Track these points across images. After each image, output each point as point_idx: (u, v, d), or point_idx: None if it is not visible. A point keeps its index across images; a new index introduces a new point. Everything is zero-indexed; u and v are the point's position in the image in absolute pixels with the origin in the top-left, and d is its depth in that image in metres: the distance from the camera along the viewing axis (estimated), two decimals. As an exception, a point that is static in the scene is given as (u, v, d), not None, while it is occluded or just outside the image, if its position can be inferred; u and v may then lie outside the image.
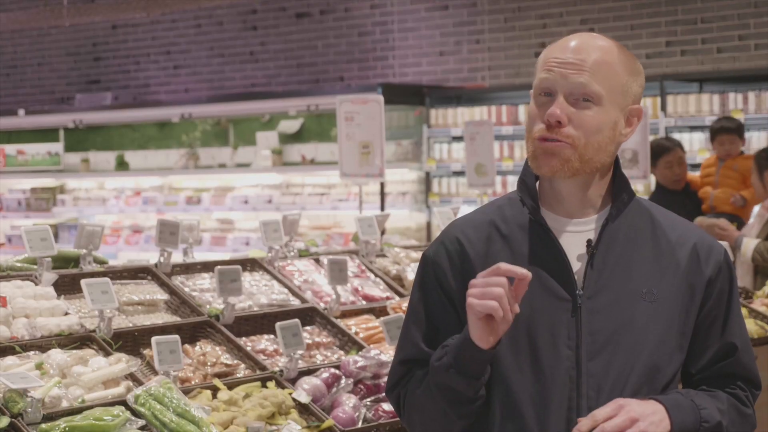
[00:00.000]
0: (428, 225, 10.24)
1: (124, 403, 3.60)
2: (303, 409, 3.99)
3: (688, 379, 2.50)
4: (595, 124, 2.36)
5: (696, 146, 9.01)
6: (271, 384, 4.08)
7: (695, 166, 9.09)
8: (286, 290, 4.85)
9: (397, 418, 3.97)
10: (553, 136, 2.36)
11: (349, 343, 4.57)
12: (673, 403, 2.35)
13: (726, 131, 7.98)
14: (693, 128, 9.09)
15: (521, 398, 2.37)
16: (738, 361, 2.47)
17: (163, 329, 4.23)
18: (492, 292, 2.22)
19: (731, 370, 2.47)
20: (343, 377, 4.17)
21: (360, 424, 3.99)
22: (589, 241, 2.39)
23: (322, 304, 4.80)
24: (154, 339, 3.89)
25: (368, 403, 4.13)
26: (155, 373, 3.93)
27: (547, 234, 2.41)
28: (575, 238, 2.41)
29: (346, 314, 4.82)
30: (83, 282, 4.07)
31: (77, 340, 4.02)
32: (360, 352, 4.37)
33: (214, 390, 3.94)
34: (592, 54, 2.38)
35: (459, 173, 10.13)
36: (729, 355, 2.46)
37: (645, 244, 2.43)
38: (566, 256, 2.39)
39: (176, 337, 3.94)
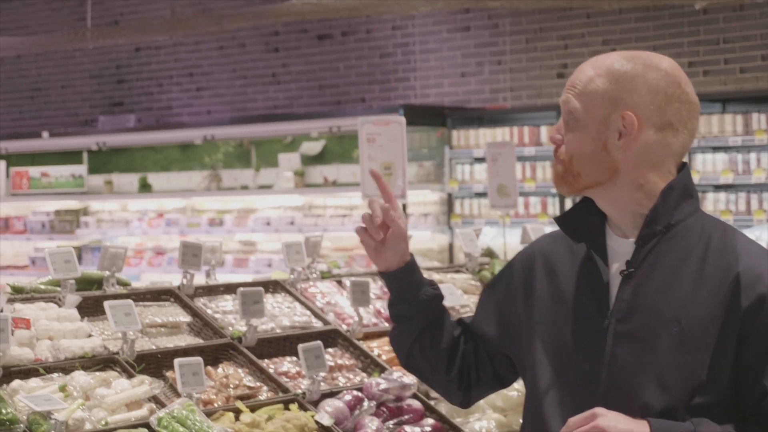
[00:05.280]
0: (450, 246, 10.23)
1: (147, 425, 3.60)
2: (325, 431, 3.98)
3: (736, 413, 2.36)
4: (575, 140, 2.41)
5: (719, 167, 8.98)
6: (293, 406, 4.07)
7: (718, 187, 9.06)
8: (308, 312, 4.84)
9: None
10: (556, 156, 2.46)
11: (372, 365, 4.56)
12: (664, 428, 2.27)
13: None
14: (716, 149, 9.06)
15: (549, 413, 2.43)
16: None
17: (186, 351, 4.23)
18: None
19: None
20: (366, 400, 4.16)
21: (383, 447, 3.98)
22: (628, 263, 2.40)
23: (344, 326, 4.80)
24: (176, 361, 3.89)
25: (391, 425, 4.12)
26: (178, 395, 3.93)
27: (589, 255, 2.46)
28: (621, 259, 2.43)
29: (368, 336, 4.81)
30: (106, 304, 4.08)
31: (100, 362, 4.03)
32: (382, 375, 4.36)
33: (237, 412, 3.93)
34: (588, 71, 2.42)
35: (481, 194, 10.12)
36: (763, 398, 2.31)
37: (689, 270, 2.36)
38: (603, 277, 2.41)
39: (199, 359, 3.94)
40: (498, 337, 2.63)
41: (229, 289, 4.82)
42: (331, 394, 4.19)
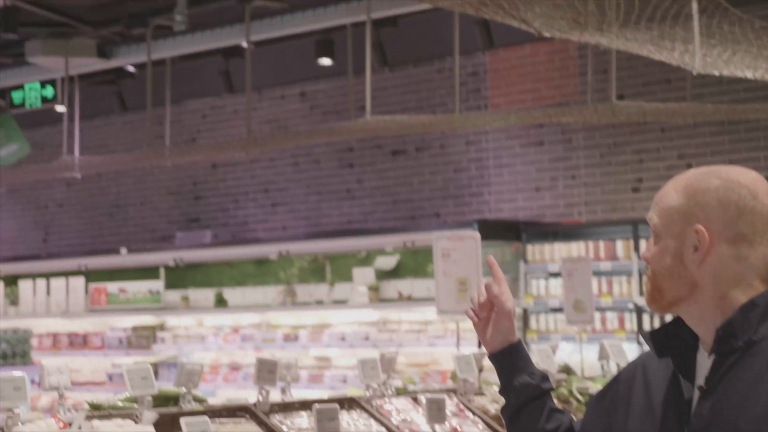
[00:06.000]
0: (526, 362, 10.11)
1: None
2: None
3: None
4: (656, 256, 2.43)
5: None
6: None
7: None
8: (384, 429, 4.80)
9: None
10: (647, 274, 2.48)
11: (448, 484, 4.49)
12: None
13: None
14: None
15: None
16: None
17: (261, 469, 4.21)
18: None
19: None
20: None
21: None
22: (706, 379, 2.36)
23: (420, 444, 4.75)
24: (252, 479, 3.87)
25: None
26: None
27: (675, 375, 2.44)
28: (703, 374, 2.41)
29: (444, 454, 4.75)
30: (182, 421, 4.08)
31: (176, 480, 4.02)
32: (459, 494, 4.30)
33: None
34: (669, 187, 2.44)
35: (557, 309, 10.04)
36: None
37: (766, 387, 2.30)
38: (685, 393, 2.39)
39: (274, 477, 3.91)
40: None
41: (305, 405, 4.81)
42: None
